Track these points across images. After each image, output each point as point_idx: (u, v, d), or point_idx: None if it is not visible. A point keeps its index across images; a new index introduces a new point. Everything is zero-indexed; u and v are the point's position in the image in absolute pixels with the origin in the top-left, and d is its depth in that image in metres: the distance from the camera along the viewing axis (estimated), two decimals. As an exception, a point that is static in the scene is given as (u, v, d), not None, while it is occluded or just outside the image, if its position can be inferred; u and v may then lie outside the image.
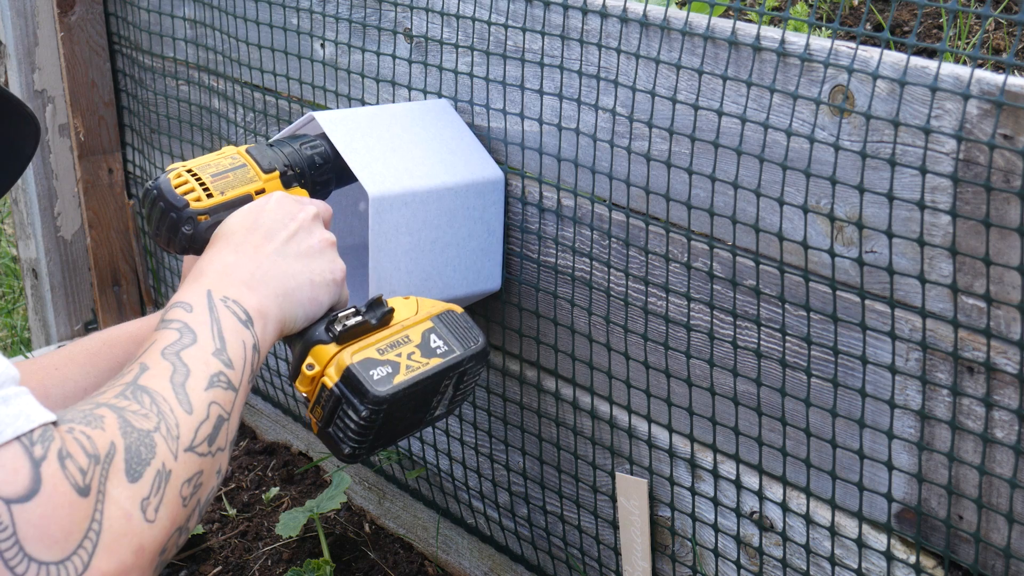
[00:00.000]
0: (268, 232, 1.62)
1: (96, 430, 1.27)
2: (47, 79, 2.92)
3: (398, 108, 2.02)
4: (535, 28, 1.88)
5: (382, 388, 1.59)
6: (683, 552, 1.88)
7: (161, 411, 1.34)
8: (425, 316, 1.68)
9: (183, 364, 1.41)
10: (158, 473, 1.30)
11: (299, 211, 1.65)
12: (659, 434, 1.86)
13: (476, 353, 1.68)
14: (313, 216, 1.66)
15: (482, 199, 1.95)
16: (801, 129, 1.57)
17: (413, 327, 1.67)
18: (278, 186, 1.77)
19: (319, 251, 1.64)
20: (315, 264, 1.63)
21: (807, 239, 1.59)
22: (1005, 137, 1.37)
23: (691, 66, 1.68)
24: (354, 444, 1.61)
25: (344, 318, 1.62)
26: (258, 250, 1.59)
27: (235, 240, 1.61)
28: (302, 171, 1.81)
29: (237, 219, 1.64)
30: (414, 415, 1.66)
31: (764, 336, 1.68)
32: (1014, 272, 1.40)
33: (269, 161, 1.78)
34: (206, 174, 1.72)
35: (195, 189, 1.71)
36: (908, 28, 2.36)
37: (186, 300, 1.50)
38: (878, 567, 1.61)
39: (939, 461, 1.53)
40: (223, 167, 1.74)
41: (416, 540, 2.43)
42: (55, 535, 1.20)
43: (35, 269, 3.06)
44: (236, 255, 1.58)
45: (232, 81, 2.54)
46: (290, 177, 1.79)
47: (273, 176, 1.77)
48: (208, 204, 1.70)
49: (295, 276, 1.60)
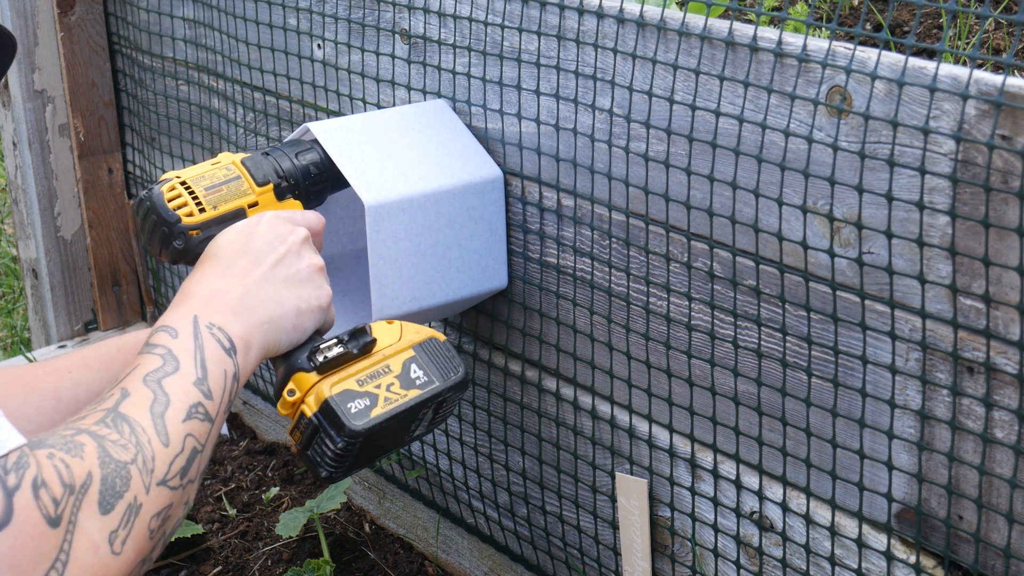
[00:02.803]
0: (257, 255, 1.62)
1: (75, 459, 1.28)
2: (47, 79, 2.92)
3: (393, 112, 2.01)
4: (531, 28, 1.87)
5: (359, 422, 1.60)
6: (683, 552, 1.88)
7: (139, 442, 1.36)
8: (407, 345, 1.69)
9: (164, 393, 1.42)
10: (129, 506, 1.31)
11: (289, 234, 1.66)
12: (659, 434, 1.86)
13: (456, 384, 1.69)
14: (303, 240, 1.66)
15: (481, 199, 1.95)
16: (799, 130, 1.56)
17: (394, 356, 1.67)
18: (271, 199, 1.77)
19: (307, 277, 1.64)
20: (302, 291, 1.63)
21: (806, 240, 1.59)
22: (1003, 138, 1.37)
23: (688, 66, 1.68)
24: (331, 468, 1.63)
25: (326, 348, 1.64)
26: (247, 275, 1.60)
27: (224, 262, 1.61)
28: (296, 182, 1.81)
29: (228, 238, 1.65)
30: (392, 440, 1.68)
31: (764, 336, 1.68)
32: (1013, 272, 1.39)
33: (264, 173, 1.77)
34: (200, 187, 1.72)
35: (188, 203, 1.71)
36: (908, 28, 2.35)
37: (172, 325, 1.51)
38: (878, 567, 1.61)
39: (939, 461, 1.53)
40: (217, 179, 1.74)
41: (416, 540, 2.43)
42: (23, 565, 1.22)
43: (35, 269, 3.06)
44: (225, 279, 1.59)
45: (231, 81, 2.53)
46: (284, 189, 1.79)
47: (267, 189, 1.77)
48: (200, 219, 1.71)
49: (281, 303, 1.61)
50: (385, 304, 1.89)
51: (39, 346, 3.15)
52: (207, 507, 2.63)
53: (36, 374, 1.71)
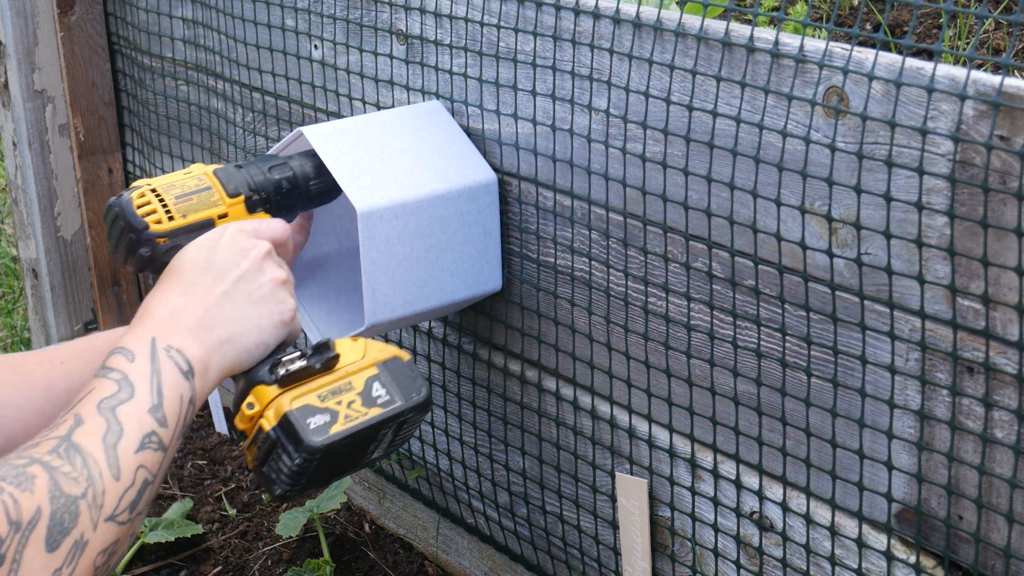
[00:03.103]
0: (219, 272, 1.60)
1: (25, 493, 1.28)
2: (47, 79, 2.92)
3: (389, 115, 2.01)
4: (527, 29, 1.87)
5: (317, 438, 1.57)
6: (683, 552, 1.88)
7: (91, 475, 1.34)
8: (371, 362, 1.65)
9: (117, 422, 1.40)
10: (76, 543, 1.30)
11: (252, 248, 1.63)
12: (659, 434, 1.86)
13: (417, 404, 1.65)
14: (265, 254, 1.63)
15: (475, 203, 1.95)
16: (796, 130, 1.56)
17: (357, 373, 1.64)
18: (242, 211, 1.75)
19: (269, 292, 1.61)
20: (264, 307, 1.60)
21: (804, 240, 1.59)
22: (1001, 138, 1.37)
23: (685, 67, 1.67)
24: (286, 486, 1.60)
25: (288, 362, 1.60)
26: (207, 292, 1.57)
27: (186, 280, 1.59)
28: (268, 195, 1.78)
29: (191, 253, 1.62)
30: (350, 460, 1.65)
31: (764, 336, 1.68)
32: (1011, 273, 1.39)
33: (235, 185, 1.75)
34: (170, 195, 1.70)
35: (157, 211, 1.68)
36: (908, 29, 2.35)
37: (129, 347, 1.49)
38: (878, 567, 1.61)
39: (939, 461, 1.53)
40: (188, 188, 1.72)
41: (416, 540, 2.43)
42: None
43: (35, 269, 3.06)
44: (185, 297, 1.56)
45: (231, 82, 2.53)
46: (255, 202, 1.77)
47: (238, 201, 1.75)
48: (168, 227, 1.68)
49: (242, 321, 1.58)
50: (378, 308, 1.89)
51: (39, 346, 3.15)
52: (207, 507, 2.63)
53: (28, 364, 1.70)
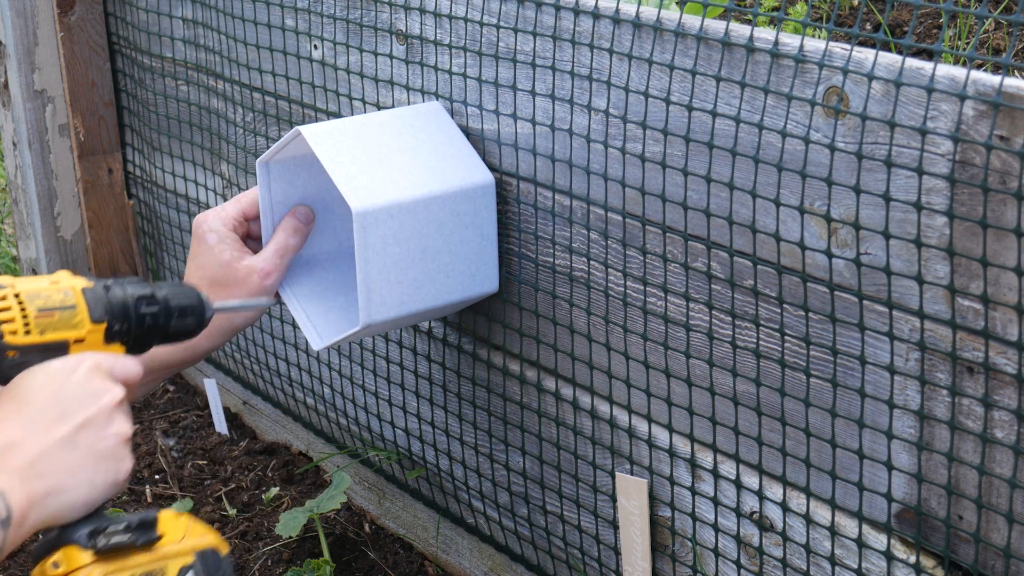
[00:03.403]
0: (64, 411, 1.51)
1: None
2: (47, 79, 2.92)
3: (387, 115, 2.01)
4: (527, 29, 1.87)
5: None
6: (683, 552, 1.88)
7: None
8: (188, 550, 1.59)
9: None
10: None
11: (105, 393, 1.55)
12: (659, 434, 1.86)
13: None
14: (117, 403, 1.56)
15: (472, 204, 1.94)
16: (796, 130, 1.56)
17: (173, 559, 1.58)
18: (99, 340, 1.66)
19: (112, 448, 1.54)
20: (103, 464, 1.53)
21: (803, 240, 1.58)
22: (1001, 138, 1.37)
23: (684, 67, 1.67)
24: None
25: (111, 533, 1.53)
26: (48, 432, 1.49)
27: (28, 411, 1.51)
28: (128, 328, 1.68)
29: (40, 381, 1.54)
30: None
31: (763, 336, 1.68)
32: (1011, 273, 1.39)
33: (101, 311, 1.65)
34: (33, 306, 1.59)
35: (15, 320, 1.58)
36: (908, 29, 2.35)
37: None
38: (878, 567, 1.61)
39: (939, 461, 1.53)
40: (53, 303, 1.61)
41: (416, 540, 2.43)
42: None
43: (35, 269, 3.06)
44: (24, 432, 1.48)
45: (230, 82, 2.53)
46: (115, 333, 1.67)
47: (99, 328, 1.65)
48: (22, 341, 1.58)
49: (76, 474, 1.50)
50: (373, 308, 1.89)
51: (40, 346, 3.15)
52: (207, 507, 2.63)
53: None
